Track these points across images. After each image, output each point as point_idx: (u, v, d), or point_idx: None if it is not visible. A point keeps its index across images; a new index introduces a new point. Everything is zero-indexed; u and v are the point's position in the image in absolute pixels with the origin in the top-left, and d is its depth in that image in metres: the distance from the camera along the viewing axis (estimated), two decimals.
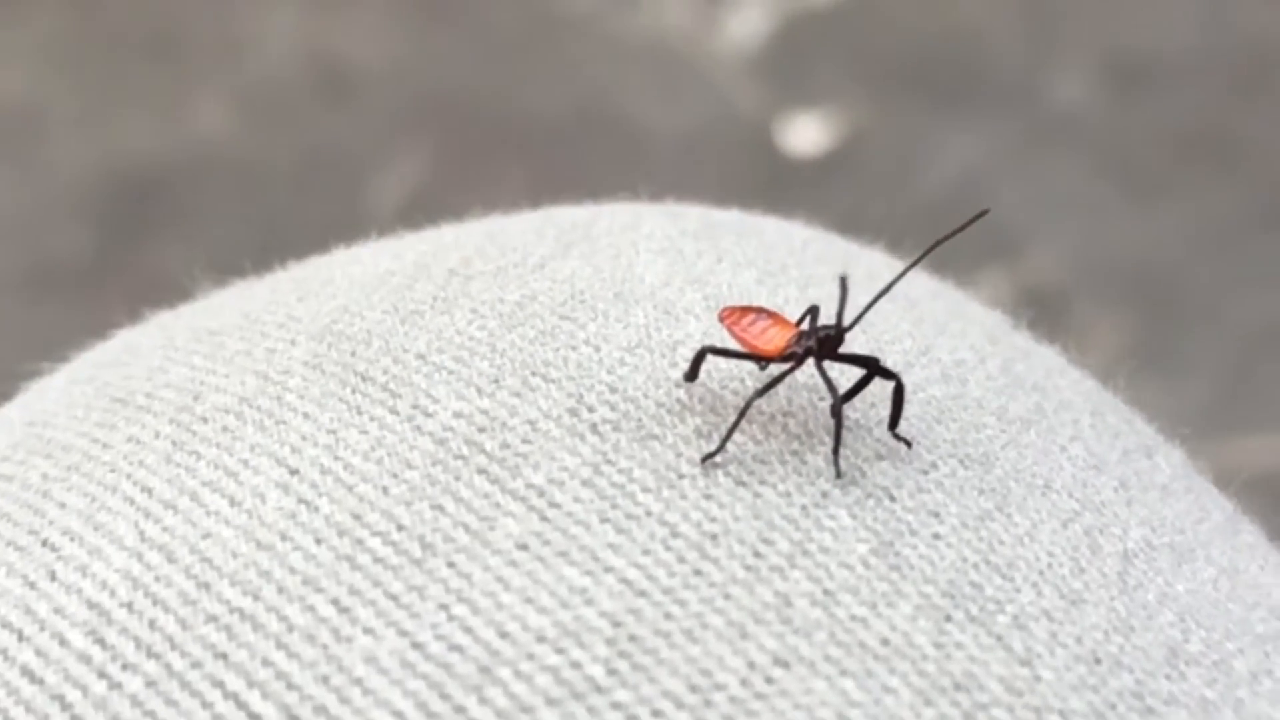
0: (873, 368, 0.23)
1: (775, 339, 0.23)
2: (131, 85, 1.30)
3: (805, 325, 0.23)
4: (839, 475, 0.22)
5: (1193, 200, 1.24)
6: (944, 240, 0.23)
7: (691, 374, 0.23)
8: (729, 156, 1.26)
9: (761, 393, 0.23)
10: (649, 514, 0.21)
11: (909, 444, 0.23)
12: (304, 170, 1.25)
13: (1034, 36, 1.35)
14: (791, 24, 1.35)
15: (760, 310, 0.23)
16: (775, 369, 0.23)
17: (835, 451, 0.22)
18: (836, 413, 0.22)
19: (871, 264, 0.27)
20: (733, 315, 0.23)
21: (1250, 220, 1.23)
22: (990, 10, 1.36)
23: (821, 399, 0.23)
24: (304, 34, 1.34)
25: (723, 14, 1.35)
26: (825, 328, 0.23)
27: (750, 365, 0.24)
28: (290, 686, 0.20)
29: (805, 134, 1.28)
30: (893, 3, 1.37)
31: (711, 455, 0.22)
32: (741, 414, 0.22)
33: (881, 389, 0.24)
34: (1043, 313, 0.29)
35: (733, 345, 0.23)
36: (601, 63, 1.32)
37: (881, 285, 0.27)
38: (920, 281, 0.28)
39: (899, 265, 0.28)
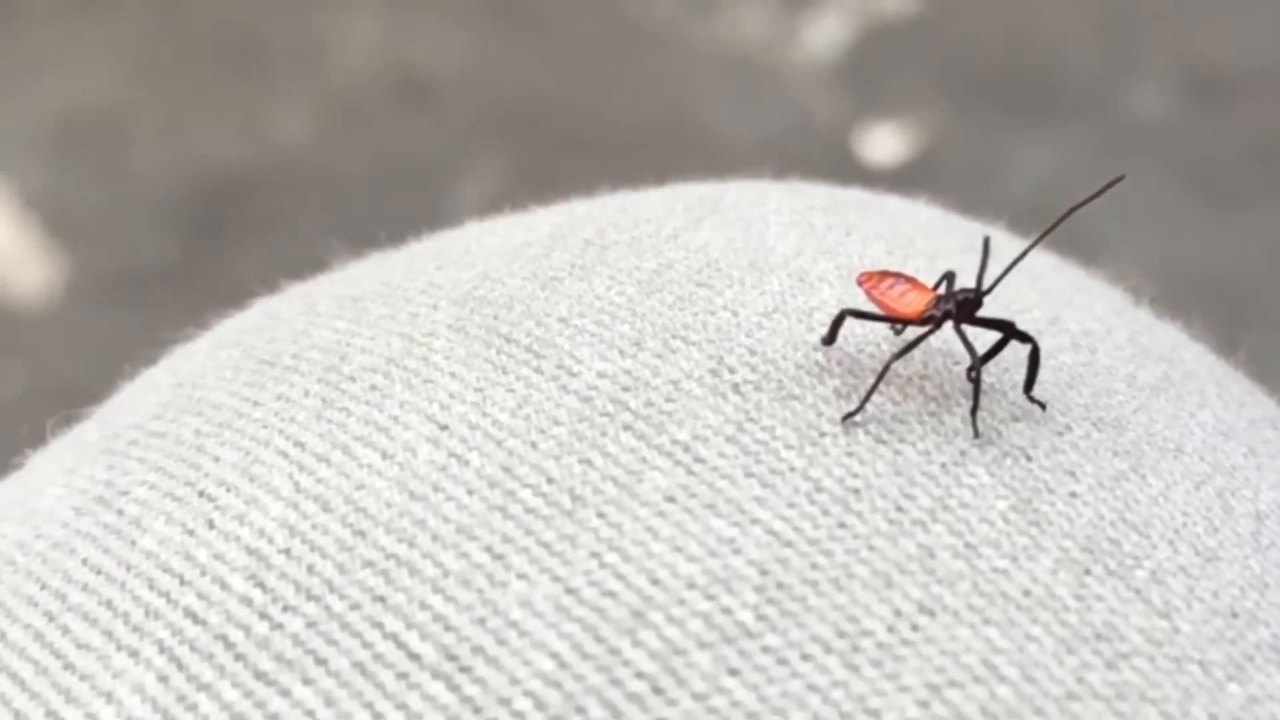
0: (1009, 331, 0.23)
1: (914, 302, 0.23)
2: (213, 93, 1.32)
3: (942, 289, 0.24)
4: (977, 435, 0.22)
5: (1270, 211, 1.24)
6: (1080, 206, 0.23)
7: (830, 337, 0.24)
8: (807, 166, 1.26)
9: (900, 354, 0.23)
10: (792, 469, 0.22)
11: (1043, 406, 0.23)
12: (383, 177, 1.27)
13: (1111, 47, 1.35)
14: (870, 34, 1.35)
15: (898, 275, 0.24)
16: (912, 332, 0.24)
17: (974, 412, 0.23)
18: (975, 374, 0.23)
19: (995, 241, 0.28)
20: (871, 279, 0.24)
21: None
22: (1068, 21, 1.36)
23: (957, 363, 0.24)
24: (383, 41, 1.35)
25: (801, 23, 1.35)
26: (964, 291, 0.23)
27: (885, 330, 0.24)
28: (448, 628, 0.20)
29: (883, 144, 1.28)
30: (971, 13, 1.37)
31: (852, 414, 0.23)
32: (881, 375, 0.23)
33: (1014, 355, 0.24)
34: None
35: (870, 309, 0.24)
36: (679, 71, 1.32)
37: (1006, 258, 0.27)
38: (1043, 257, 0.28)
39: (1022, 241, 0.29)
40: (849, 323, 0.24)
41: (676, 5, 1.37)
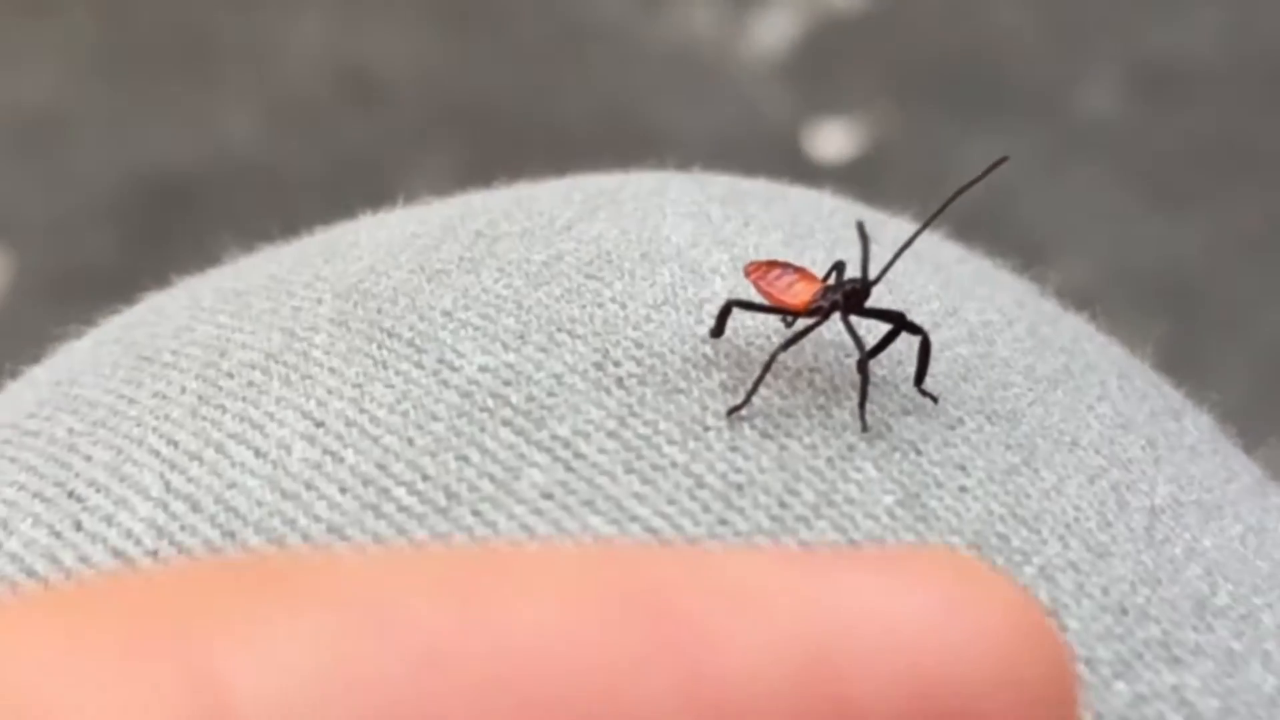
0: (900, 323, 0.23)
1: (801, 293, 0.23)
2: (160, 92, 1.31)
3: (831, 280, 0.23)
4: (865, 429, 0.22)
5: (1219, 210, 1.24)
6: (963, 191, 0.23)
7: (718, 329, 0.23)
8: (756, 163, 1.26)
9: (786, 346, 0.23)
10: (674, 465, 0.21)
11: (935, 399, 0.23)
12: (331, 177, 1.26)
13: (1061, 46, 1.35)
14: (819, 31, 1.35)
15: (786, 265, 0.23)
16: (801, 323, 0.23)
17: (861, 405, 0.22)
18: (863, 367, 0.22)
19: (899, 230, 0.27)
20: (759, 270, 0.23)
21: (1276, 230, 1.23)
22: (1017, 19, 1.36)
23: (848, 355, 0.23)
24: (331, 42, 1.34)
25: (750, 21, 1.35)
26: (851, 281, 0.23)
27: (776, 322, 0.24)
28: None
29: (832, 141, 1.28)
30: (920, 11, 1.37)
31: (737, 408, 0.22)
32: (766, 367, 0.22)
33: (908, 346, 0.24)
34: None
35: (759, 300, 0.23)
36: (628, 70, 1.32)
37: (909, 250, 0.27)
38: (948, 248, 0.28)
39: (926, 234, 0.28)
40: (739, 315, 0.23)
41: (625, 4, 1.37)
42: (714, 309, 0.24)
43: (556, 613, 0.12)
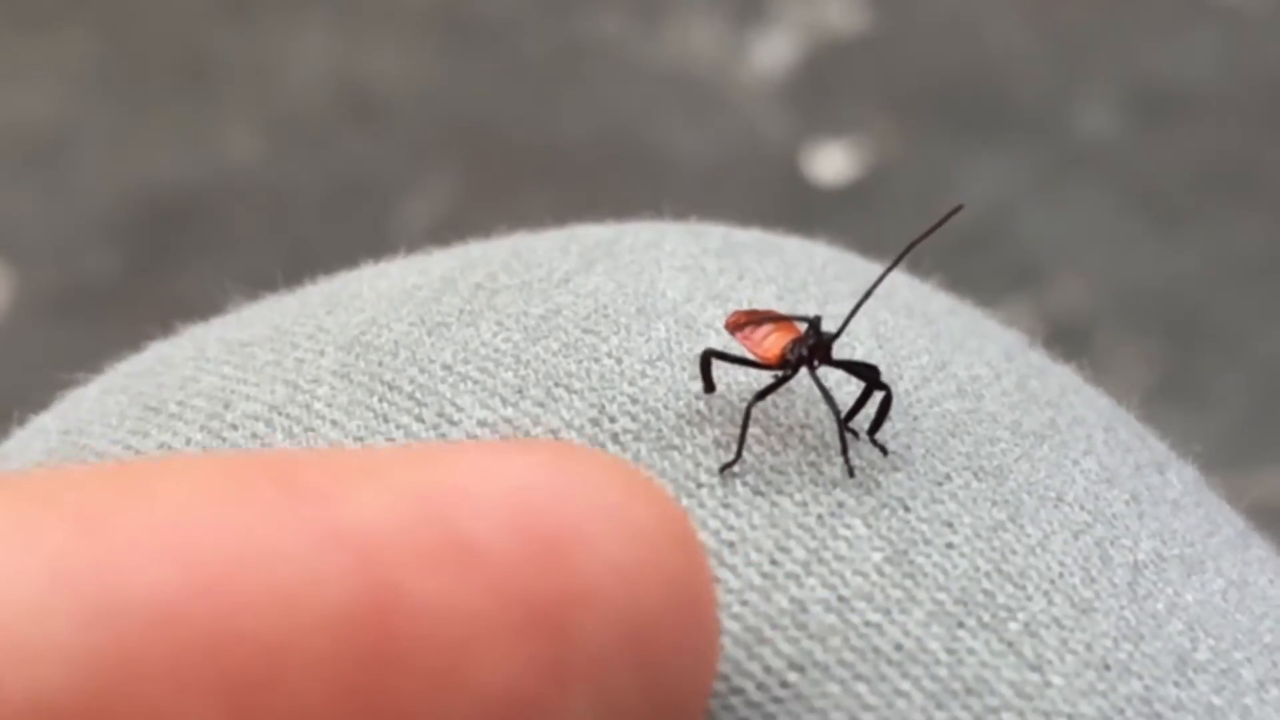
0: (870, 379, 0.23)
1: (772, 346, 0.23)
2: (161, 110, 1.31)
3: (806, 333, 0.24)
4: (851, 474, 0.22)
5: (1217, 232, 1.25)
6: (921, 239, 0.23)
7: (707, 383, 0.24)
8: (754, 184, 1.26)
9: (758, 399, 0.23)
10: None
11: (885, 451, 0.23)
12: (332, 196, 1.26)
13: (1059, 67, 1.35)
14: (818, 52, 1.35)
15: (767, 314, 0.24)
16: (774, 377, 0.24)
17: (844, 454, 0.22)
18: (837, 420, 0.23)
19: (891, 284, 0.28)
20: (737, 320, 0.24)
21: (1276, 252, 1.24)
22: (1016, 41, 1.37)
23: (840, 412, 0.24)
24: (332, 60, 1.35)
25: (749, 42, 1.36)
26: (816, 334, 0.23)
27: (769, 377, 0.24)
28: None
29: (831, 162, 1.28)
30: (919, 32, 1.38)
31: (729, 465, 0.22)
32: (745, 421, 0.23)
33: (895, 403, 0.24)
34: (1066, 342, 0.29)
35: (738, 351, 0.24)
36: (628, 90, 1.33)
37: (900, 303, 0.27)
38: (938, 300, 0.28)
39: (918, 285, 0.29)
40: (733, 371, 0.24)
41: (625, 24, 1.37)
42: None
43: (200, 485, 0.15)
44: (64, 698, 0.14)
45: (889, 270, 0.24)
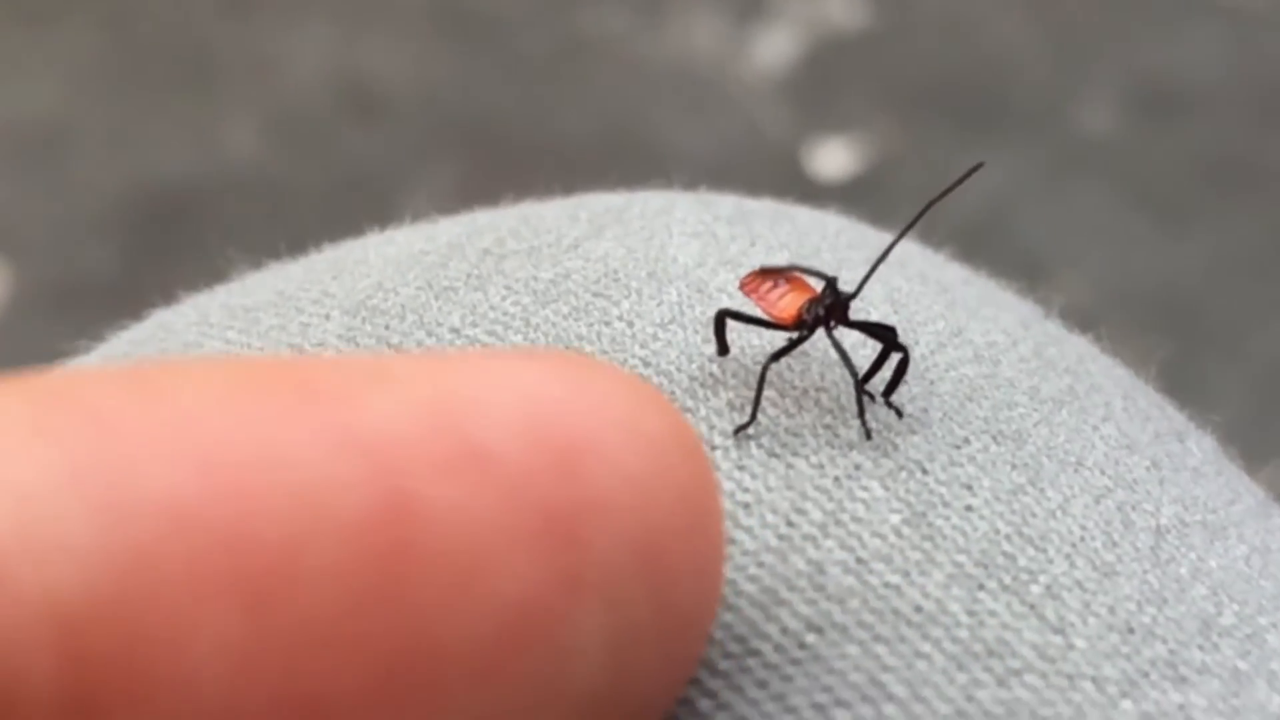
0: (888, 340, 0.23)
1: (789, 306, 0.23)
2: (161, 105, 1.31)
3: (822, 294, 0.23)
4: (869, 436, 0.22)
5: (1218, 228, 1.24)
6: (939, 199, 0.23)
7: (721, 345, 0.23)
8: (756, 180, 1.26)
9: (775, 359, 0.23)
10: None
11: (900, 413, 0.23)
12: (332, 191, 1.26)
13: (1061, 63, 1.35)
14: (819, 49, 1.35)
15: (780, 274, 0.23)
16: (789, 337, 0.23)
17: (861, 416, 0.22)
18: (855, 382, 0.22)
19: (905, 251, 0.27)
20: (752, 281, 0.23)
21: (1276, 249, 1.23)
22: (1018, 37, 1.36)
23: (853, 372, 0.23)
24: (333, 56, 1.34)
25: (751, 38, 1.35)
26: (832, 294, 0.23)
27: (783, 339, 0.24)
28: None
29: (832, 158, 1.28)
30: (920, 29, 1.37)
31: (744, 427, 0.22)
32: (760, 382, 0.22)
33: (912, 366, 0.24)
34: None
35: (752, 312, 0.23)
36: (630, 86, 1.32)
37: (915, 271, 0.27)
38: (953, 269, 0.28)
39: (931, 255, 0.28)
40: (746, 333, 0.23)
41: (627, 19, 1.37)
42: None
43: (217, 388, 0.15)
44: (80, 598, 0.14)
45: (906, 229, 0.24)
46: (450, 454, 0.15)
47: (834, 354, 0.23)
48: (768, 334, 0.24)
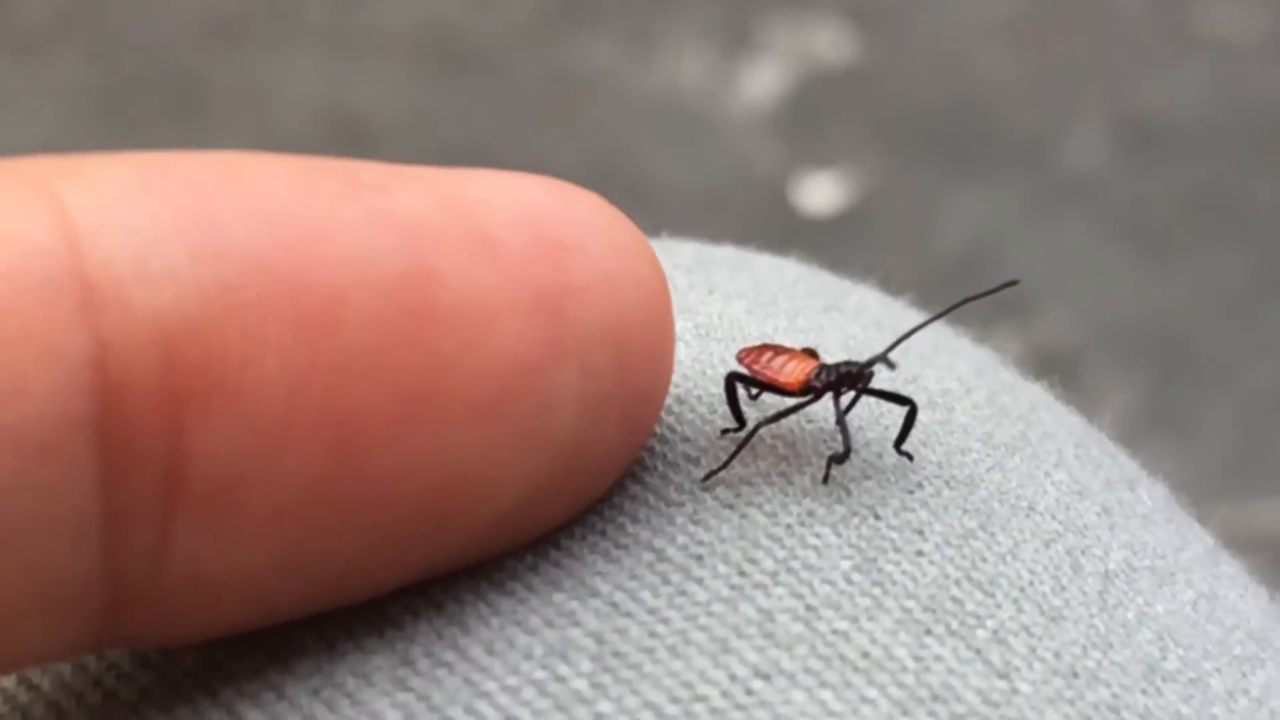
0: (898, 397, 0.24)
1: (795, 372, 0.24)
2: (151, 134, 1.31)
3: (824, 360, 0.24)
4: (825, 480, 0.22)
5: (1204, 263, 1.25)
6: (970, 300, 0.24)
7: (735, 413, 0.23)
8: (744, 214, 1.27)
9: (773, 420, 0.23)
10: (637, 542, 0.22)
11: (910, 458, 0.23)
12: None
13: (1047, 99, 1.36)
14: (807, 84, 1.36)
15: (776, 347, 0.24)
16: (788, 401, 0.24)
17: (827, 468, 0.23)
18: (846, 448, 0.23)
19: (862, 299, 0.28)
20: (750, 355, 0.24)
21: (1261, 284, 1.24)
22: (1004, 73, 1.37)
23: (810, 421, 0.24)
24: (322, 87, 1.35)
25: (738, 73, 1.36)
26: (848, 364, 0.23)
27: (719, 390, 0.24)
28: (280, 697, 0.20)
29: (820, 192, 1.29)
30: (907, 64, 1.38)
31: (714, 473, 0.22)
32: (748, 439, 0.23)
33: (867, 412, 0.24)
34: (1053, 372, 0.29)
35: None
36: (618, 120, 1.33)
37: (870, 319, 0.27)
38: (909, 317, 0.28)
39: (890, 302, 0.29)
40: (691, 385, 0.24)
41: (615, 53, 1.38)
42: (678, 378, 0.24)
43: (282, 171, 0.18)
44: (178, 318, 0.17)
45: (931, 320, 0.25)
46: (466, 237, 0.19)
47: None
48: (715, 389, 0.24)
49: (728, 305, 0.26)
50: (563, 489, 0.21)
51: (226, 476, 0.18)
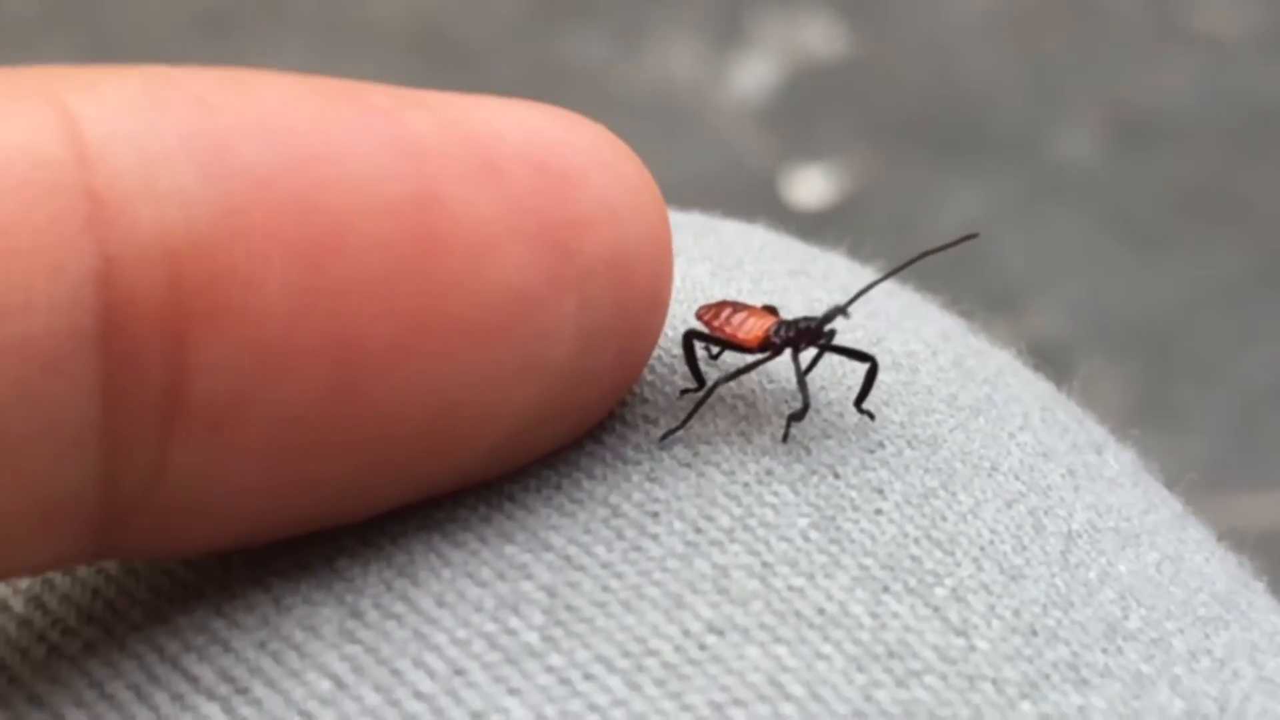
0: (860, 354, 0.23)
1: (754, 329, 0.23)
2: None
3: (785, 316, 0.24)
4: (785, 439, 0.22)
5: (1196, 256, 1.25)
6: (925, 255, 0.24)
7: (695, 373, 0.23)
8: (734, 208, 1.26)
9: (731, 378, 0.23)
10: (592, 497, 0.21)
11: (872, 416, 0.23)
12: None
13: (1038, 92, 1.35)
14: (797, 77, 1.36)
15: (735, 304, 0.24)
16: (751, 358, 0.23)
17: (787, 426, 0.22)
18: (805, 405, 0.22)
19: (830, 265, 0.28)
20: (709, 311, 0.24)
21: (1253, 277, 1.24)
22: (995, 65, 1.37)
23: (773, 381, 0.23)
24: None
25: (729, 67, 1.36)
26: (806, 319, 0.23)
27: (678, 350, 0.24)
28: (227, 650, 0.20)
29: (810, 186, 1.29)
30: (897, 57, 1.38)
31: (672, 432, 0.22)
32: (706, 396, 0.22)
33: (830, 372, 0.24)
34: (1044, 367, 0.29)
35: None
36: (608, 113, 1.32)
37: (837, 284, 0.27)
38: (881, 284, 0.28)
39: (858, 268, 0.29)
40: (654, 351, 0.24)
41: (606, 47, 1.37)
42: None
43: (292, 91, 0.18)
44: (184, 234, 0.17)
45: (886, 277, 0.24)
46: (471, 165, 0.19)
47: (767, 366, 0.23)
48: (675, 350, 0.24)
49: (691, 268, 0.26)
50: (559, 417, 0.21)
51: (226, 395, 0.18)
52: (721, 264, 0.26)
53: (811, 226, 0.33)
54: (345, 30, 1.39)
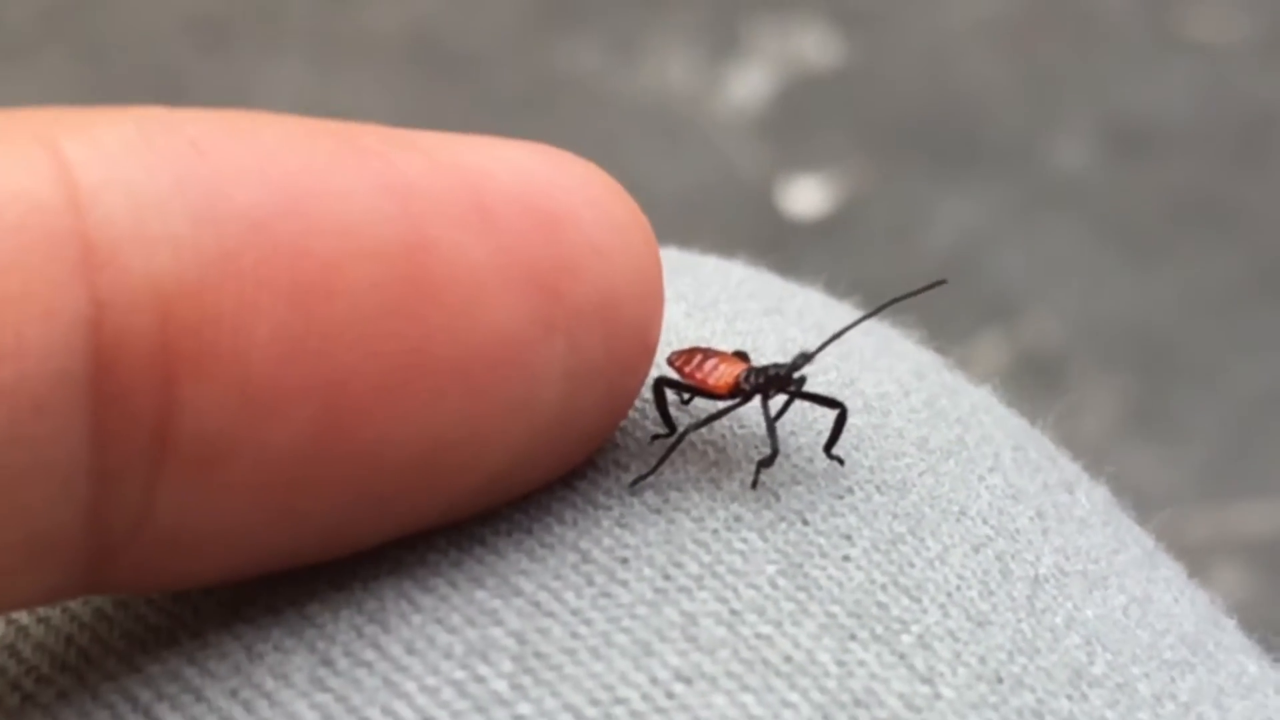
0: (829, 401, 0.23)
1: (724, 376, 0.23)
2: None
3: (755, 363, 0.24)
4: (754, 485, 0.22)
5: (1191, 265, 1.25)
6: (898, 300, 0.24)
7: (665, 420, 0.23)
8: (730, 217, 1.27)
9: (701, 424, 0.23)
10: (562, 542, 0.22)
11: (841, 462, 0.23)
12: None
13: (1034, 101, 1.36)
14: (793, 86, 1.36)
15: (706, 350, 0.24)
16: (718, 404, 0.24)
17: (756, 472, 0.22)
18: (773, 452, 0.22)
19: (806, 302, 0.28)
20: (680, 358, 0.24)
21: (1248, 286, 1.24)
22: (991, 75, 1.37)
23: (744, 426, 0.24)
24: (309, 90, 1.35)
25: (725, 76, 1.36)
26: (775, 366, 0.23)
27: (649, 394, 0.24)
28: (199, 699, 0.20)
29: (806, 196, 1.29)
30: (893, 67, 1.38)
31: (643, 478, 0.22)
32: (677, 442, 0.23)
33: (800, 417, 0.24)
34: (1040, 376, 0.29)
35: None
36: (604, 123, 1.33)
37: (812, 322, 0.27)
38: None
39: (835, 306, 0.29)
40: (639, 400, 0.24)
41: (601, 56, 1.38)
42: None
43: (286, 135, 0.18)
44: (174, 279, 0.17)
45: (859, 322, 0.25)
46: (462, 208, 0.19)
47: (737, 411, 0.24)
48: (644, 395, 0.24)
49: (668, 309, 0.26)
50: (546, 456, 0.21)
51: (214, 437, 0.18)
52: (696, 304, 0.26)
53: (807, 237, 0.33)
54: (342, 39, 1.39)
